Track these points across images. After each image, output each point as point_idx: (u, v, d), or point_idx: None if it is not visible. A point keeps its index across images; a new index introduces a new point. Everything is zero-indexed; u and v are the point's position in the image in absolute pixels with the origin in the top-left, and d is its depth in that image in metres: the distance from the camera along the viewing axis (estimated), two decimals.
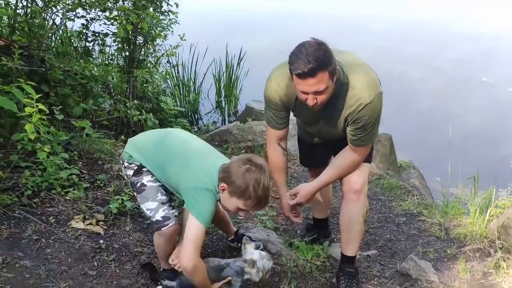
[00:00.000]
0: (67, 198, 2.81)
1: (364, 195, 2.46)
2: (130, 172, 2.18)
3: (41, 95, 2.61)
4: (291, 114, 2.43)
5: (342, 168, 2.39)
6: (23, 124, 2.81)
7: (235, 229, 2.73)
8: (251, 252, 2.24)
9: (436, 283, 2.59)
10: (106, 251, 2.47)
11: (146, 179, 2.16)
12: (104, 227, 2.67)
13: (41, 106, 2.58)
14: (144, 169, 2.16)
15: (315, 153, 2.75)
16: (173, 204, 2.23)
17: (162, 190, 2.18)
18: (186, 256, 1.96)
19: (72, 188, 2.86)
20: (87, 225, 2.63)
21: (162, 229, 2.12)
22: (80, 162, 3.19)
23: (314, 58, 1.93)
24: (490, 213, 3.04)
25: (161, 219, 2.12)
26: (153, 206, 2.14)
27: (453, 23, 12.87)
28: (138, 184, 2.16)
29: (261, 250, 2.66)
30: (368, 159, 2.47)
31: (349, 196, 2.44)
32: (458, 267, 2.72)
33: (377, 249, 3.08)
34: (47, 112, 2.64)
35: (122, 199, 2.84)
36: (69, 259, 2.33)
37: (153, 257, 2.52)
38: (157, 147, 2.16)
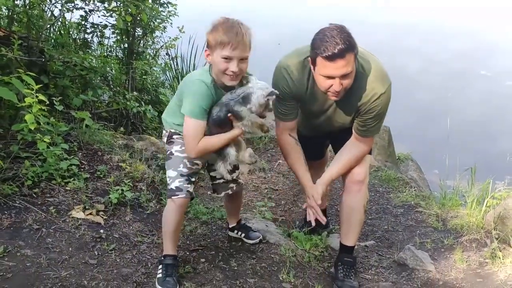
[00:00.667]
0: (67, 188, 2.82)
1: (366, 186, 2.48)
2: (164, 140, 2.33)
3: (41, 85, 2.62)
4: None
5: (351, 160, 2.40)
6: (23, 114, 2.83)
7: (239, 219, 2.75)
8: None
9: (433, 273, 2.62)
10: (107, 240, 2.50)
11: (174, 149, 2.27)
12: (104, 217, 2.69)
13: (41, 97, 2.58)
14: (174, 137, 2.27)
15: (312, 146, 2.75)
16: (192, 179, 2.28)
17: (186, 163, 2.26)
18: (188, 150, 2.17)
19: (72, 179, 2.87)
20: (87, 215, 2.65)
21: (173, 197, 2.23)
22: (80, 153, 3.21)
23: (341, 39, 1.96)
24: (487, 204, 3.06)
25: (174, 188, 2.23)
26: (172, 175, 2.25)
27: (451, 16, 12.84)
28: (168, 152, 2.31)
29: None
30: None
31: (351, 186, 2.45)
32: (455, 257, 2.75)
33: (375, 240, 3.11)
34: (47, 102, 2.64)
35: (122, 190, 2.86)
36: (70, 248, 2.35)
37: (153, 247, 2.54)
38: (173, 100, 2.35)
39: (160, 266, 2.27)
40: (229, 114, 2.10)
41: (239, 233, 2.75)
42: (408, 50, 9.49)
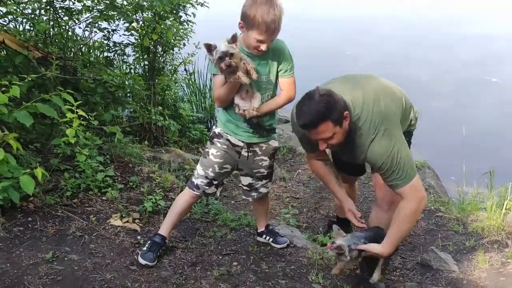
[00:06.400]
0: (103, 198, 2.99)
1: (396, 205, 2.40)
2: (210, 136, 2.53)
3: (80, 102, 2.80)
4: None
5: (399, 222, 2.23)
6: (61, 130, 3.01)
7: (267, 223, 2.88)
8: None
9: (457, 273, 2.71)
10: (144, 246, 2.64)
11: (211, 151, 2.48)
12: (140, 224, 2.84)
13: (81, 112, 2.76)
14: (215, 140, 2.45)
15: (349, 166, 2.74)
16: (217, 182, 2.51)
17: (216, 167, 2.47)
18: (214, 97, 2.41)
19: (108, 189, 3.04)
20: (124, 222, 2.80)
21: (188, 188, 2.55)
22: (113, 165, 3.38)
23: (314, 111, 2.04)
24: (506, 207, 3.15)
25: (195, 183, 2.52)
26: (200, 173, 2.52)
27: (459, 24, 12.94)
28: (206, 149, 2.52)
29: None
30: None
31: (381, 204, 2.51)
32: (477, 258, 2.83)
33: None
34: (87, 117, 2.82)
35: (155, 199, 3.01)
36: (111, 253, 2.50)
37: (187, 252, 2.67)
38: None
39: (148, 242, 2.54)
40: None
41: (267, 237, 2.88)
42: (418, 60, 9.60)
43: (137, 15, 4.47)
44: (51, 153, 3.23)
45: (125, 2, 4.17)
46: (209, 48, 2.16)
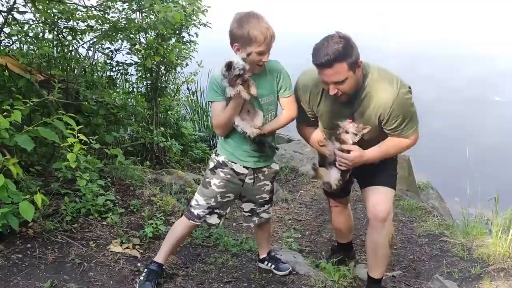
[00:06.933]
0: (104, 223, 2.96)
1: (389, 222, 2.52)
2: (210, 164, 2.45)
3: (81, 126, 2.79)
4: None
5: (388, 145, 2.41)
6: (62, 154, 3.00)
7: (269, 249, 2.84)
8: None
9: None
10: (142, 275, 2.59)
11: (213, 181, 2.41)
12: (140, 251, 2.80)
13: (82, 137, 2.75)
14: (218, 170, 2.39)
15: None
16: (220, 211, 2.47)
17: (218, 197, 2.42)
18: (214, 125, 2.40)
19: (108, 214, 3.01)
20: (124, 249, 2.77)
21: (187, 218, 2.48)
22: (113, 188, 3.35)
23: (332, 50, 2.11)
24: None
25: (195, 214, 2.45)
26: (201, 203, 2.45)
27: (460, 44, 13.00)
28: (206, 179, 2.44)
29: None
30: (393, 184, 2.56)
31: (375, 223, 2.51)
32: (483, 287, 2.78)
33: (402, 270, 3.15)
34: (89, 142, 2.81)
35: (156, 223, 2.98)
36: (111, 282, 2.46)
37: (188, 279, 2.63)
38: None
39: (145, 270, 2.48)
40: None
41: (269, 264, 2.83)
42: (421, 78, 9.61)
43: (140, 34, 4.50)
44: (52, 176, 3.22)
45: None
46: (230, 66, 2.15)
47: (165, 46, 4.36)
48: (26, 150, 2.82)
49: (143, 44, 4.33)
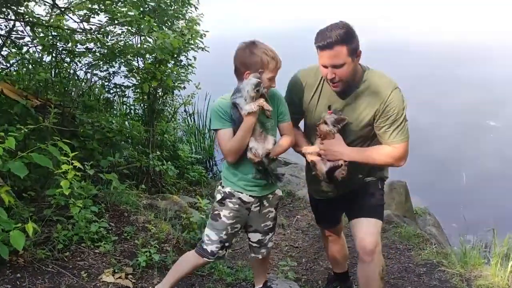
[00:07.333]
0: (96, 251, 2.90)
1: (378, 254, 2.44)
2: (217, 196, 2.40)
3: (76, 153, 2.76)
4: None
5: (372, 150, 2.40)
6: (56, 179, 2.96)
7: (265, 280, 2.78)
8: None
9: None
10: None
11: (223, 213, 2.36)
12: (133, 280, 2.74)
13: (76, 163, 2.72)
14: (227, 200, 2.35)
15: (324, 210, 2.79)
16: (227, 244, 2.42)
17: (229, 229, 2.37)
18: (224, 157, 2.34)
19: (101, 242, 2.95)
20: (116, 278, 2.70)
21: (200, 256, 2.41)
22: (107, 214, 3.30)
23: (334, 33, 2.18)
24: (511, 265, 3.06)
25: (209, 251, 2.40)
26: (213, 238, 2.39)
27: (453, 69, 13.17)
28: (215, 212, 2.39)
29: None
30: (380, 216, 2.53)
31: (364, 257, 2.44)
32: None
33: None
34: (83, 169, 2.78)
35: (150, 252, 2.92)
36: None
37: None
38: None
39: None
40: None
41: None
42: (417, 102, 9.70)
43: (138, 58, 4.51)
44: (45, 202, 3.17)
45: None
46: (259, 84, 2.18)
47: (163, 69, 4.37)
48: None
49: (140, 68, 4.33)
